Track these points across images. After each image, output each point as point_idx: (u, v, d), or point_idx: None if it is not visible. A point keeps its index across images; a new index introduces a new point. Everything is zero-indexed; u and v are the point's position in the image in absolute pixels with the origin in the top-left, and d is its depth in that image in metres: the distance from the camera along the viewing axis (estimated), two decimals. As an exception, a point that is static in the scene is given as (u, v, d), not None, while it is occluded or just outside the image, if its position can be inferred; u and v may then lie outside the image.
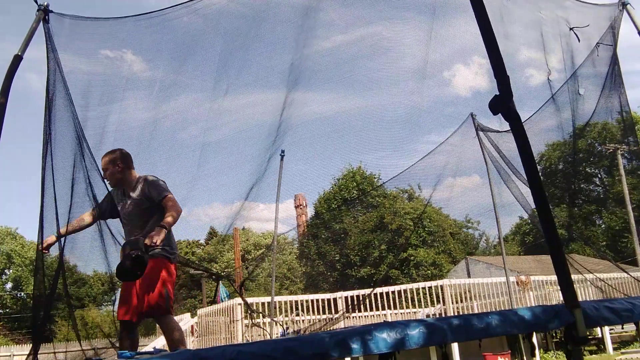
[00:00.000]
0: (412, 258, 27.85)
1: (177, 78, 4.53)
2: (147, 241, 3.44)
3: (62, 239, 3.91)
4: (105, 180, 4.06)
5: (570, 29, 5.42)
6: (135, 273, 3.43)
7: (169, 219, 3.68)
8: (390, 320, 10.86)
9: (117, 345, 3.99)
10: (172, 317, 3.94)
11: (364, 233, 27.34)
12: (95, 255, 4.15)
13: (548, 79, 5.56)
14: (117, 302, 3.95)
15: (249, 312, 10.53)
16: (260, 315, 10.93)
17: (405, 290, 12.45)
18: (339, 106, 5.59)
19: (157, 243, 3.47)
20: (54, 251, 3.92)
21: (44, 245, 3.82)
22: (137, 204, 3.95)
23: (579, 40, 5.46)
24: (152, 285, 3.73)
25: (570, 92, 5.75)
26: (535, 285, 12.16)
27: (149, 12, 4.31)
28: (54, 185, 3.89)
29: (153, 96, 4.56)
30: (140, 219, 3.93)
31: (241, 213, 6.10)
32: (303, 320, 11.70)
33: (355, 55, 5.14)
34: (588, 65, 5.82)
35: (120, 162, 4.04)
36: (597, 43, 5.71)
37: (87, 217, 4.05)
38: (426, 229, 28.94)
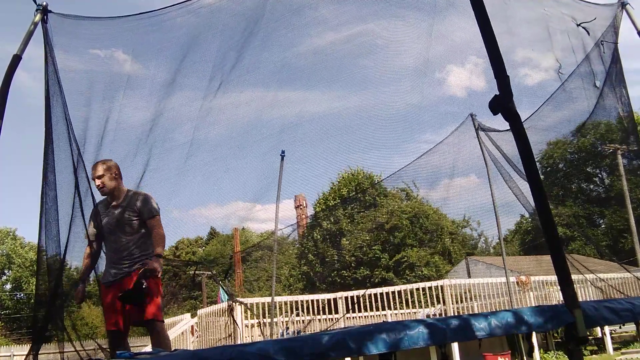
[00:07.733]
0: (404, 260, 27.68)
1: (174, 77, 4.53)
2: (155, 265, 3.80)
3: (64, 241, 3.91)
4: (98, 187, 4.07)
5: (578, 25, 5.40)
6: (140, 300, 3.76)
7: (159, 249, 3.94)
8: (390, 320, 10.86)
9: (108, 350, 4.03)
10: (164, 326, 4.06)
11: (361, 232, 27.21)
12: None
13: (559, 72, 5.53)
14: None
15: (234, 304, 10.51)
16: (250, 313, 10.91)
17: (405, 291, 12.42)
18: (336, 105, 5.58)
19: (159, 270, 3.86)
20: (51, 251, 3.93)
21: (80, 298, 4.07)
22: (124, 214, 4.01)
23: (588, 34, 5.45)
24: (150, 297, 3.87)
25: (576, 90, 5.74)
26: (535, 285, 12.14)
27: (148, 12, 4.31)
28: (55, 187, 3.89)
29: (153, 95, 4.55)
30: (124, 230, 4.01)
31: (241, 213, 6.10)
32: (303, 321, 11.67)
33: (351, 53, 5.12)
34: (588, 63, 5.80)
35: (116, 170, 4.10)
36: (601, 41, 5.69)
37: (88, 251, 4.11)
38: (423, 227, 28.74)
